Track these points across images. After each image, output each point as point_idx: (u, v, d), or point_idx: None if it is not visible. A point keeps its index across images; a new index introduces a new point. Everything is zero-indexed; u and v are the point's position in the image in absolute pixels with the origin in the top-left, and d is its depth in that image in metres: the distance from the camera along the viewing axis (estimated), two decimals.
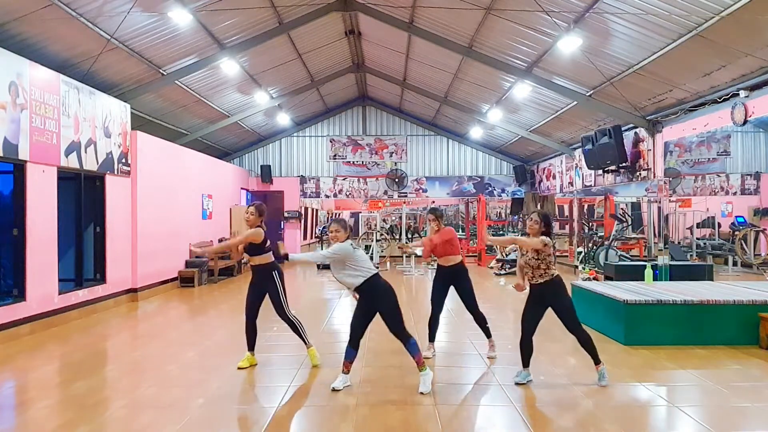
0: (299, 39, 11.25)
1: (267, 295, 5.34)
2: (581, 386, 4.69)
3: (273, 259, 5.35)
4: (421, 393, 4.48)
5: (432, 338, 5.77)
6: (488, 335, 5.70)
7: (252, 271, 5.47)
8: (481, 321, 5.69)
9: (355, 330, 4.68)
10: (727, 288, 7.16)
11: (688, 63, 8.17)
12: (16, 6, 6.73)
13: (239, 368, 5.25)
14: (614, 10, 7.46)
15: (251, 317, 5.36)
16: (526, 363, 4.81)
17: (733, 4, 6.40)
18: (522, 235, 15.00)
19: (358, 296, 4.70)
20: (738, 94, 8.08)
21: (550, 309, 4.73)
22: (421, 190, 17.83)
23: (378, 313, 4.67)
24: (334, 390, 4.56)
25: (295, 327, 5.38)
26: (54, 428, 3.91)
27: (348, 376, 4.69)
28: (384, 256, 16.61)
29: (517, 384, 4.73)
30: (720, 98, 8.57)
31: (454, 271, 5.65)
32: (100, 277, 8.77)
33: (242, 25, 9.70)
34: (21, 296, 6.89)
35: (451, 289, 5.67)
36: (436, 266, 5.85)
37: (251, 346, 5.38)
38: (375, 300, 4.63)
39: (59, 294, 7.63)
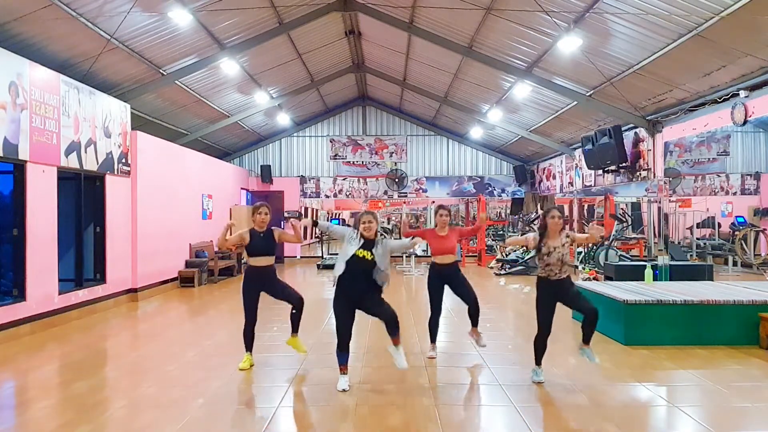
0: (299, 39, 11.25)
1: (268, 294, 5.31)
2: (581, 386, 4.69)
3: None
4: (403, 368, 4.59)
5: (433, 339, 5.75)
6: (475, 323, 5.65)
7: (255, 272, 5.28)
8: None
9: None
10: (727, 288, 7.15)
11: (688, 63, 8.17)
12: (16, 6, 6.73)
13: (241, 369, 5.24)
14: (614, 10, 7.46)
15: (254, 322, 5.34)
16: (540, 360, 4.84)
17: (733, 4, 6.40)
18: (522, 233, 14.96)
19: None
20: (738, 94, 8.07)
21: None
22: (421, 190, 17.82)
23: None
24: (343, 391, 4.55)
25: (300, 312, 5.38)
26: (54, 428, 3.91)
27: (348, 376, 4.72)
28: None
29: (536, 383, 4.73)
30: (720, 98, 8.57)
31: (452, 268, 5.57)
32: (100, 277, 8.77)
33: (242, 25, 9.70)
34: (21, 296, 6.90)
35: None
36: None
37: (250, 347, 5.38)
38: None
39: (59, 294, 7.63)
